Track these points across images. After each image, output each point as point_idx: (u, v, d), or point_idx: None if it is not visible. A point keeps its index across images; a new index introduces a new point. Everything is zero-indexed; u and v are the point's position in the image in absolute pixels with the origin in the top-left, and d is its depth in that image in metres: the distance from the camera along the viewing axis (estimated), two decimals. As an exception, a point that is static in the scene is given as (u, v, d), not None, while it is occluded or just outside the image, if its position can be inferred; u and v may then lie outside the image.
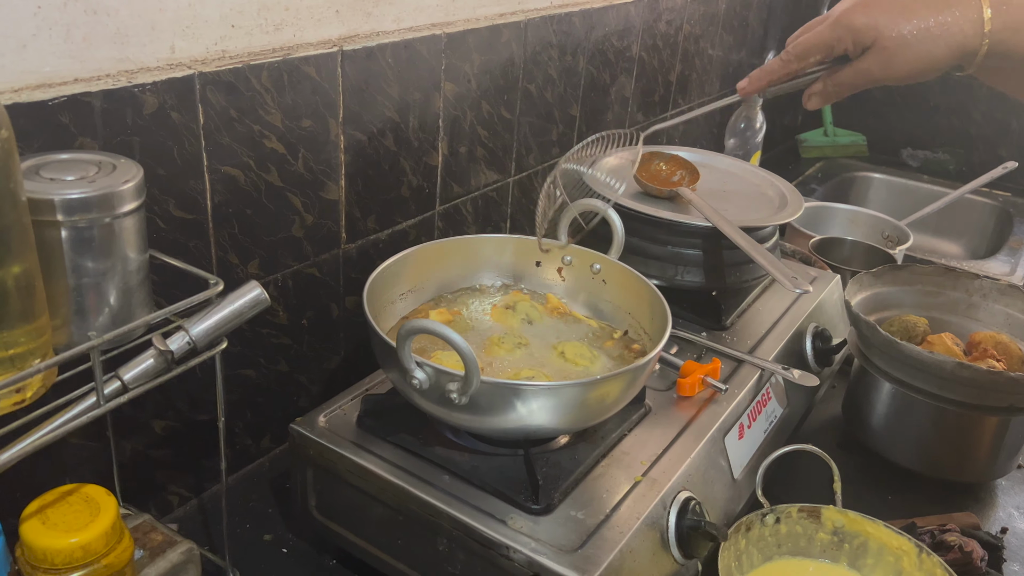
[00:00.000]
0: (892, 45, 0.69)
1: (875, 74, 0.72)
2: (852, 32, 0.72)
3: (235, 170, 0.83)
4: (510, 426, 0.72)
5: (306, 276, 0.96)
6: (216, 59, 0.80)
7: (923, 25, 0.68)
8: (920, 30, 0.68)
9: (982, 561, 0.87)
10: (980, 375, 0.93)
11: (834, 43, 0.74)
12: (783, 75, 0.79)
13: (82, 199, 0.58)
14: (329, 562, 0.86)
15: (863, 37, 0.71)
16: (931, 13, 0.68)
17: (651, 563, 0.74)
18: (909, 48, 0.69)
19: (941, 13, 0.68)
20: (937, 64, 0.70)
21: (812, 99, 0.78)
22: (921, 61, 0.69)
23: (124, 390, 0.60)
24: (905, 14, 0.69)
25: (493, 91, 1.15)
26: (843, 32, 0.73)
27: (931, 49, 0.69)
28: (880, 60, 0.71)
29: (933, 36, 0.68)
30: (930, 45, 0.68)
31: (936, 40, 0.68)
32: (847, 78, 0.74)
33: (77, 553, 0.60)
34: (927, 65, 0.70)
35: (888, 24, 0.69)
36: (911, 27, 0.68)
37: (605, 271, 0.93)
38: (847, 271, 1.30)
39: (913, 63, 0.70)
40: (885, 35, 0.69)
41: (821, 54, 0.76)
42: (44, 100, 0.66)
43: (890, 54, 0.70)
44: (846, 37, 0.72)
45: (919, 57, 0.69)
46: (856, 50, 0.73)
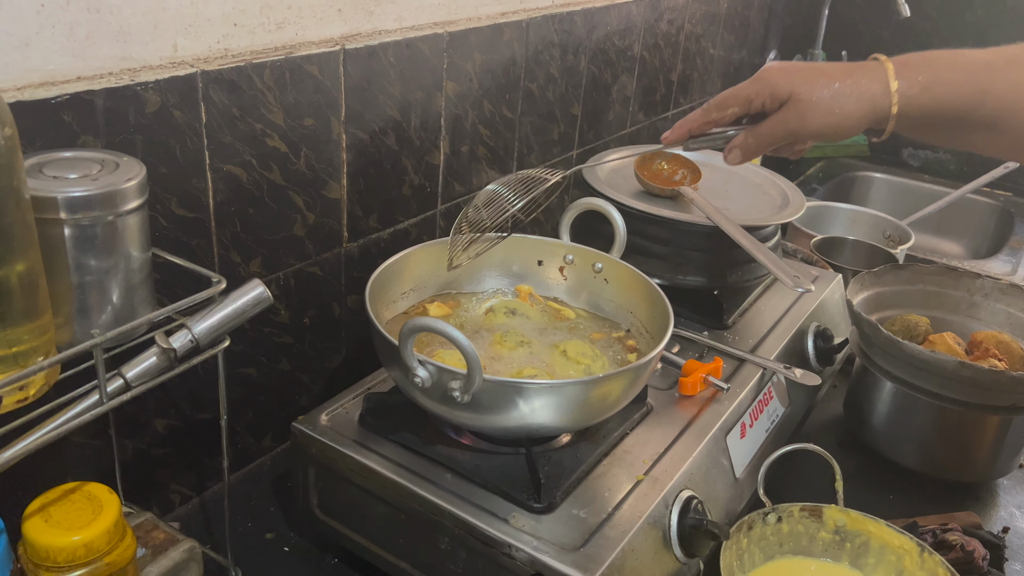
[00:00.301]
0: (806, 99, 0.74)
1: (791, 126, 0.76)
2: (769, 87, 0.76)
3: (237, 169, 0.83)
4: (512, 424, 0.72)
5: (308, 275, 0.96)
6: (219, 57, 0.80)
7: (835, 85, 0.74)
8: (832, 89, 0.74)
9: (984, 560, 0.87)
10: (982, 374, 0.93)
11: (752, 96, 0.78)
12: (703, 124, 0.82)
13: (85, 197, 0.58)
14: (331, 561, 0.86)
15: (779, 91, 0.76)
16: (842, 77, 0.74)
17: (653, 562, 0.74)
18: (822, 103, 0.74)
19: (851, 77, 0.74)
20: (850, 120, 0.74)
21: (732, 152, 0.81)
22: (834, 115, 0.74)
23: (127, 388, 0.60)
24: (819, 76, 0.75)
25: (495, 90, 1.15)
26: (761, 87, 0.77)
27: (843, 105, 0.73)
28: (795, 113, 0.75)
29: (845, 95, 0.73)
30: (842, 102, 0.73)
31: (848, 98, 0.73)
32: (765, 129, 0.78)
33: (79, 551, 0.60)
34: (840, 120, 0.74)
35: (803, 82, 0.75)
36: (824, 85, 0.74)
37: (607, 270, 0.93)
38: (848, 271, 1.30)
39: (826, 116, 0.74)
40: (800, 90, 0.74)
41: (739, 106, 0.79)
42: (47, 98, 0.66)
43: (804, 107, 0.74)
44: (763, 91, 0.77)
45: (832, 111, 0.74)
46: (773, 104, 0.77)
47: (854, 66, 0.75)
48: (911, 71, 0.73)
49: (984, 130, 0.73)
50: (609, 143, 1.49)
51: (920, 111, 0.73)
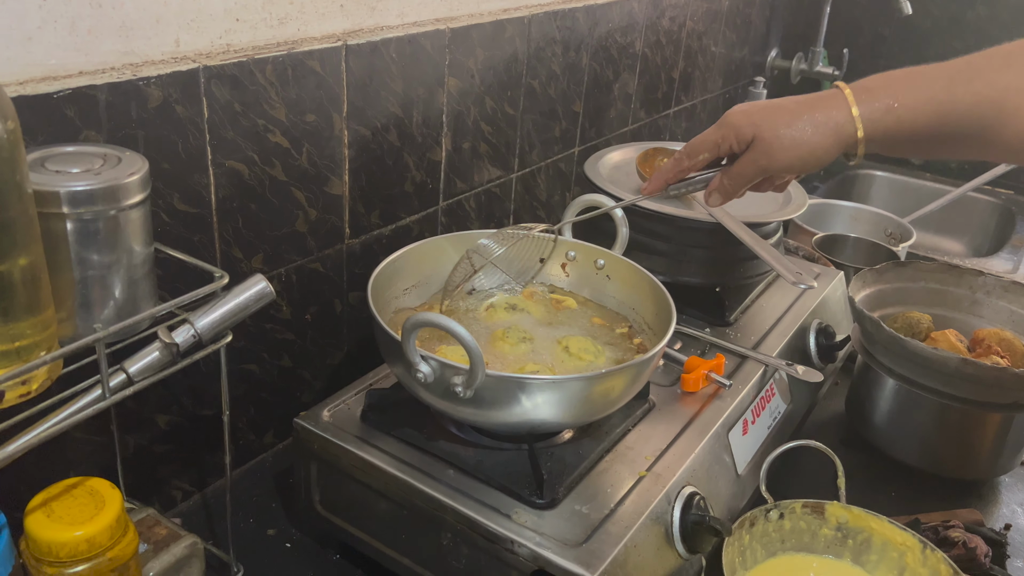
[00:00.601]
0: (770, 136, 0.76)
1: (761, 163, 0.77)
2: (734, 130, 0.78)
3: (239, 164, 0.83)
4: (514, 420, 0.72)
5: (310, 271, 0.96)
6: (221, 53, 0.80)
7: (797, 120, 0.75)
8: (795, 124, 0.75)
9: (986, 557, 0.87)
10: (984, 371, 0.93)
11: (719, 141, 0.80)
12: (677, 173, 0.84)
13: (87, 191, 0.57)
14: (332, 557, 0.86)
15: (743, 133, 0.78)
16: (804, 110, 0.76)
17: (655, 558, 0.74)
18: (786, 138, 0.75)
19: (813, 109, 0.75)
20: (818, 150, 0.75)
21: (712, 195, 0.83)
22: (800, 147, 0.75)
23: (129, 383, 0.60)
24: (780, 113, 0.76)
25: (496, 87, 1.15)
26: (726, 131, 0.79)
27: (808, 137, 0.75)
28: (762, 150, 0.77)
29: (807, 128, 0.75)
30: (807, 134, 0.75)
31: (811, 130, 0.75)
32: (737, 170, 0.80)
33: (82, 546, 0.60)
34: (807, 151, 0.75)
35: (764, 120, 0.77)
36: (786, 122, 0.76)
37: (609, 267, 0.93)
38: (850, 268, 1.30)
39: (792, 149, 0.75)
40: (763, 128, 0.76)
41: (708, 152, 0.81)
42: (49, 93, 0.66)
43: (768, 144, 0.76)
44: (729, 135, 0.79)
45: (797, 144, 0.75)
46: (740, 146, 0.79)
47: (815, 98, 0.77)
48: (871, 96, 0.74)
49: (954, 142, 0.75)
50: (611, 140, 1.49)
51: (886, 133, 0.74)
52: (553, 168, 1.35)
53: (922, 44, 2.21)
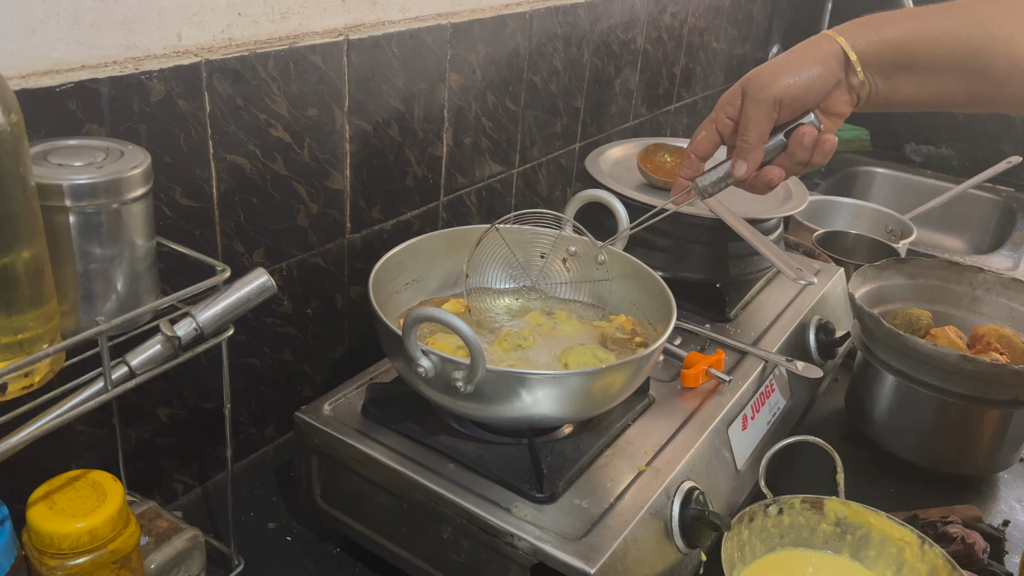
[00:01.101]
0: (754, 74, 0.76)
1: (758, 96, 0.75)
2: (725, 97, 0.79)
3: (241, 158, 0.83)
4: (515, 415, 0.72)
5: (311, 265, 0.96)
6: (223, 47, 0.80)
7: (782, 55, 0.77)
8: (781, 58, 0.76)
9: (984, 553, 0.87)
10: (984, 368, 0.94)
11: (714, 115, 0.80)
12: (688, 165, 0.83)
13: (90, 185, 0.58)
14: (333, 550, 0.87)
15: (733, 92, 0.78)
16: (787, 52, 0.77)
17: (654, 552, 0.74)
18: (771, 68, 0.75)
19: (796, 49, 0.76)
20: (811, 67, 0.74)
21: (736, 164, 0.79)
22: (791, 66, 0.75)
23: (131, 376, 0.60)
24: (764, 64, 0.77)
25: (498, 82, 1.15)
26: (718, 107, 0.80)
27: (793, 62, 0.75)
28: (754, 86, 0.75)
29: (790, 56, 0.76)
30: (792, 60, 0.75)
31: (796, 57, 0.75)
32: (742, 120, 0.77)
33: (84, 538, 0.60)
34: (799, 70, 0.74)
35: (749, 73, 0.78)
36: (769, 63, 0.77)
37: (610, 262, 0.93)
38: (850, 264, 1.30)
39: (784, 69, 0.75)
40: (748, 76, 0.77)
41: (706, 130, 0.81)
42: (52, 86, 0.66)
43: (757, 78, 0.75)
44: (721, 104, 0.79)
45: (789, 64, 0.75)
46: (735, 105, 0.78)
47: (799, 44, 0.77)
48: (851, 26, 0.75)
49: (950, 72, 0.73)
50: (612, 136, 1.49)
51: (874, 49, 0.73)
52: (554, 164, 1.36)
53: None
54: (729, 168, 0.80)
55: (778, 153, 0.79)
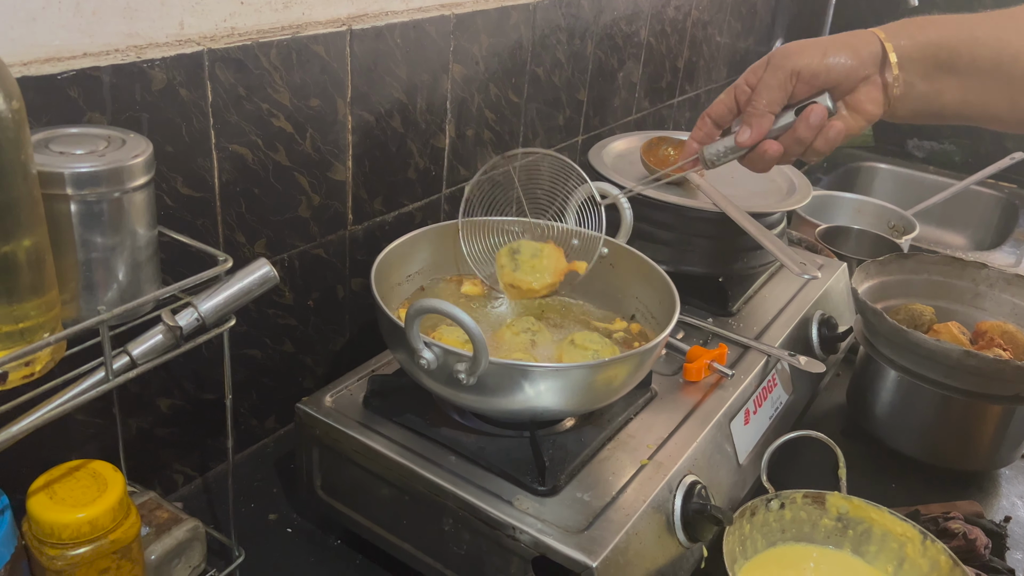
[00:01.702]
0: (783, 48, 0.76)
1: (779, 63, 0.75)
2: (750, 69, 0.79)
3: (243, 148, 0.83)
4: (517, 407, 0.72)
5: (312, 257, 0.96)
6: (225, 36, 0.80)
7: (818, 38, 0.76)
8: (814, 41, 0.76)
9: (985, 549, 0.87)
10: (986, 363, 0.93)
11: (736, 82, 0.80)
12: (701, 128, 0.83)
13: (92, 173, 0.57)
14: (334, 542, 0.87)
15: (756, 66, 0.78)
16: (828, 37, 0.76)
17: (656, 546, 0.74)
18: (807, 45, 0.75)
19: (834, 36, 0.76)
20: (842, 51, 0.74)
21: (742, 130, 0.79)
22: (821, 46, 0.74)
23: (133, 365, 0.60)
24: None
25: (501, 74, 1.14)
26: (744, 74, 0.80)
27: (827, 43, 0.74)
28: (780, 55, 0.75)
29: (828, 41, 0.75)
30: (825, 41, 0.75)
31: (829, 40, 0.75)
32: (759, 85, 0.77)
33: (84, 528, 0.60)
34: (827, 44, 0.74)
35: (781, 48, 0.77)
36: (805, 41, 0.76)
37: (613, 255, 0.93)
38: (853, 260, 1.30)
39: (814, 48, 0.74)
40: (779, 49, 0.76)
41: (725, 94, 0.81)
42: (53, 74, 0.66)
43: (785, 48, 0.75)
44: (741, 79, 0.79)
45: (815, 44, 0.74)
46: (757, 74, 0.78)
47: None
48: (894, 25, 0.75)
49: (983, 74, 0.73)
50: (614, 129, 1.48)
51: (913, 43, 0.73)
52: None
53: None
54: (736, 134, 0.79)
55: (785, 132, 0.79)
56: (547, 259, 0.90)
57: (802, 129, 0.77)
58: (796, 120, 0.77)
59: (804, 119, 0.76)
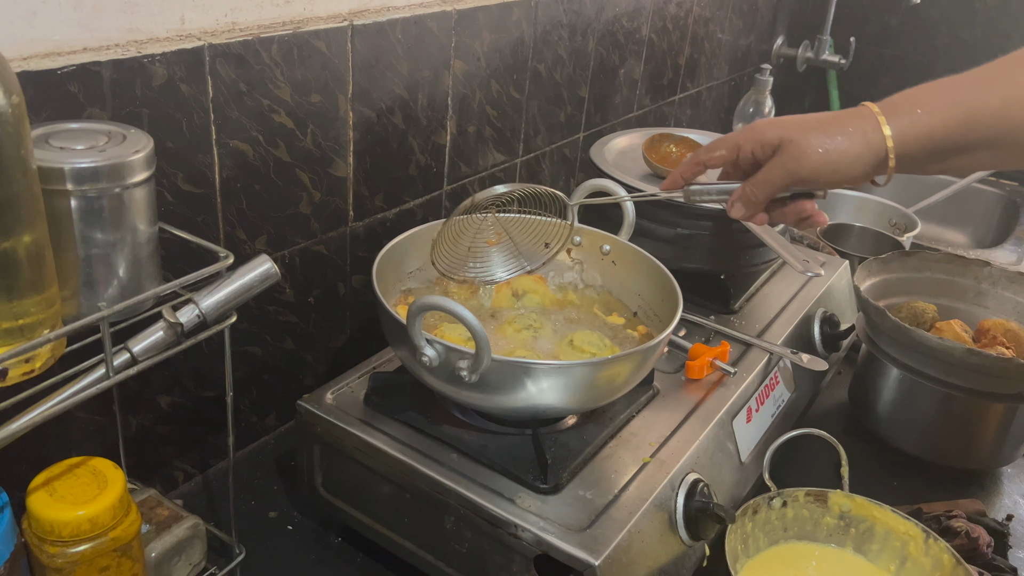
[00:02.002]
0: (799, 139, 0.73)
1: (788, 167, 0.74)
2: (759, 134, 0.75)
3: (244, 144, 0.83)
4: (519, 405, 0.72)
5: (313, 253, 0.95)
6: (226, 31, 0.79)
7: (826, 127, 0.73)
8: (824, 131, 0.73)
9: (988, 547, 0.87)
10: (989, 361, 0.93)
11: (741, 143, 0.77)
12: (694, 166, 0.81)
13: (92, 168, 0.57)
14: (335, 539, 0.86)
15: (768, 137, 0.75)
16: (831, 121, 0.73)
17: (659, 544, 0.74)
18: (815, 142, 0.72)
19: (840, 120, 0.73)
20: (847, 155, 0.72)
21: (735, 205, 0.79)
22: (830, 152, 0.72)
23: (133, 362, 0.59)
24: (808, 121, 0.74)
25: (503, 70, 1.14)
26: (751, 135, 0.76)
27: (838, 144, 0.72)
28: (790, 155, 0.73)
29: (836, 133, 0.72)
30: (837, 141, 0.72)
31: (841, 136, 0.72)
32: (762, 176, 0.76)
33: (84, 526, 0.60)
34: (837, 156, 0.72)
35: (791, 126, 0.74)
36: (814, 128, 0.73)
37: (615, 252, 0.93)
38: (855, 257, 1.29)
39: (823, 154, 0.72)
40: (790, 133, 0.73)
41: (726, 150, 0.78)
42: (53, 69, 0.66)
43: (798, 146, 0.73)
44: (752, 138, 0.76)
45: (827, 149, 0.72)
46: (764, 151, 0.75)
47: (842, 112, 0.75)
48: (897, 109, 0.73)
49: (986, 148, 0.72)
50: (616, 126, 1.48)
51: (917, 143, 0.72)
52: (558, 153, 1.35)
53: (930, 34, 2.19)
54: (727, 199, 0.79)
55: None
56: None
57: (789, 217, 0.79)
58: (786, 207, 0.78)
59: (794, 211, 0.78)
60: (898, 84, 0.74)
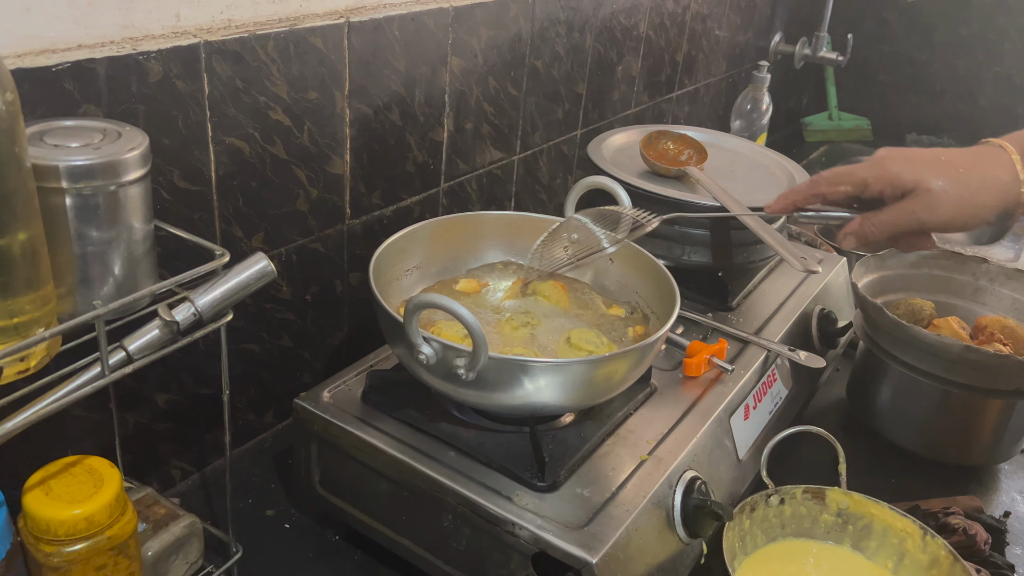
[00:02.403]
0: (935, 189, 0.70)
1: (920, 216, 0.71)
2: (890, 176, 0.72)
3: (240, 141, 0.82)
4: (516, 403, 0.72)
5: (310, 251, 0.95)
6: (222, 28, 0.79)
7: (964, 176, 0.70)
8: (962, 180, 0.69)
9: (985, 544, 0.87)
10: (987, 358, 0.93)
11: (869, 181, 0.73)
12: (809, 196, 0.78)
13: (87, 166, 0.57)
14: (332, 537, 0.86)
15: (903, 181, 0.71)
16: (967, 165, 0.70)
17: (656, 541, 0.74)
18: (953, 193, 0.69)
19: (977, 165, 0.70)
20: (982, 210, 0.70)
21: (847, 238, 0.76)
22: (966, 205, 0.70)
23: (129, 360, 0.59)
24: (947, 166, 0.70)
25: (500, 67, 1.14)
26: (880, 173, 0.73)
27: (974, 195, 0.69)
28: (924, 204, 0.71)
29: (973, 185, 0.69)
30: (972, 192, 0.69)
31: (978, 186, 0.69)
32: (888, 218, 0.73)
33: (80, 524, 0.59)
34: (972, 211, 0.70)
35: (928, 171, 0.70)
36: (951, 175, 0.70)
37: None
38: (852, 254, 1.29)
39: (958, 207, 0.70)
40: (927, 180, 0.70)
41: (852, 187, 0.75)
42: (48, 66, 0.65)
43: (935, 196, 0.70)
44: (883, 178, 0.72)
45: (964, 201, 0.70)
46: (894, 193, 0.72)
47: (975, 152, 0.72)
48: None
49: None
50: (613, 123, 1.48)
51: None
52: (555, 150, 1.34)
53: (927, 30, 2.19)
54: (839, 235, 0.78)
55: None
56: None
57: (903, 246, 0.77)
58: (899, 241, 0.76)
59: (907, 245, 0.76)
60: (895, 81, 0.74)
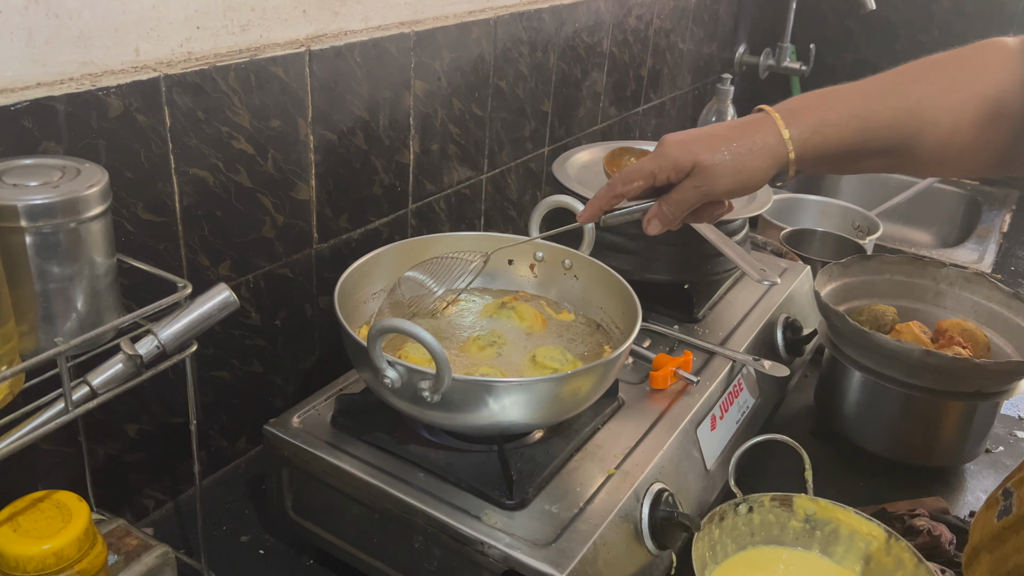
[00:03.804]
0: (710, 163, 0.77)
1: (703, 189, 0.78)
2: (671, 162, 0.78)
3: (203, 172, 0.83)
4: (483, 423, 0.73)
5: (278, 277, 0.96)
6: (182, 61, 0.80)
7: (733, 145, 0.77)
8: (732, 150, 0.76)
9: (950, 545, 0.89)
10: (946, 362, 0.95)
11: (656, 171, 0.79)
12: (611, 199, 0.83)
13: (46, 204, 0.57)
14: (306, 562, 0.87)
15: (682, 163, 0.78)
16: (738, 136, 0.77)
17: (625, 555, 0.75)
18: (726, 164, 0.76)
19: (746, 135, 0.77)
20: (757, 173, 0.77)
21: (652, 223, 0.82)
22: (740, 172, 0.77)
23: (93, 395, 0.60)
24: (717, 141, 0.77)
25: (464, 88, 1.15)
26: (663, 162, 0.79)
27: (747, 161, 0.76)
28: (704, 177, 0.77)
29: (744, 152, 0.76)
30: (745, 158, 0.76)
31: (748, 155, 0.76)
32: (677, 196, 0.79)
33: (50, 560, 0.60)
34: (747, 175, 0.77)
35: (703, 149, 0.77)
36: (723, 148, 0.77)
37: (576, 267, 0.94)
38: (817, 262, 1.31)
39: (733, 174, 0.77)
40: (702, 158, 0.77)
41: (643, 180, 0.81)
42: (6, 105, 0.66)
43: (710, 170, 0.77)
44: (666, 165, 0.79)
45: (737, 169, 0.76)
46: (678, 175, 0.79)
47: (746, 123, 0.78)
48: (797, 118, 0.77)
49: (879, 156, 0.78)
50: (580, 139, 1.50)
51: (815, 151, 0.76)
52: (523, 168, 1.36)
53: (889, 38, 2.23)
54: (642, 217, 0.83)
55: None
56: None
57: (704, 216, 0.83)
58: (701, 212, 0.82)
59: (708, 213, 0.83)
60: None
